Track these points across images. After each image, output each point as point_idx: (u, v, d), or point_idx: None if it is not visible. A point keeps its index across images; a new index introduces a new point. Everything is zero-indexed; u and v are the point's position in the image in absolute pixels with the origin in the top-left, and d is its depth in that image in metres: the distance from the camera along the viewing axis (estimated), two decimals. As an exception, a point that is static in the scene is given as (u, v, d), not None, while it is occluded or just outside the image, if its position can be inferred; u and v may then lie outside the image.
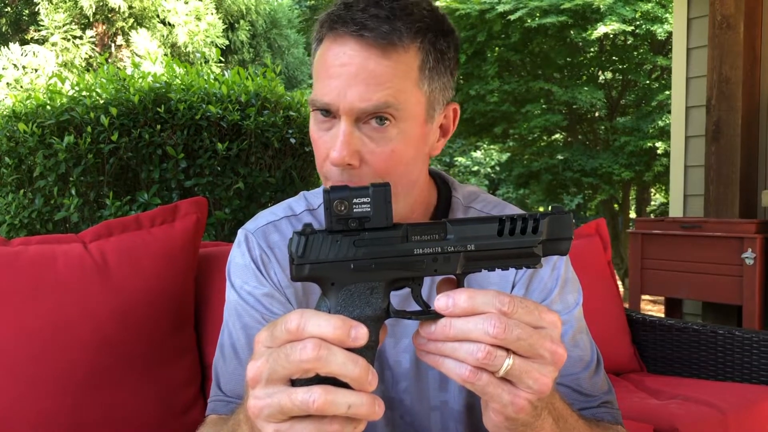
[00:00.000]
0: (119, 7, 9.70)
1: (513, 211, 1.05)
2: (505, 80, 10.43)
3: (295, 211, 1.03)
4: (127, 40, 9.99)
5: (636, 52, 10.30)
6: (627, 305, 3.04)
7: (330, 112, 0.86)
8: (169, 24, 10.13)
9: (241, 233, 1.02)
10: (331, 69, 0.84)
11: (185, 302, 1.48)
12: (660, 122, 9.58)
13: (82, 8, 9.70)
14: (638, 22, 9.29)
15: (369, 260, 0.63)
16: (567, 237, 0.67)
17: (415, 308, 0.67)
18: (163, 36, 10.10)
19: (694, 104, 4.13)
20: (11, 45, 9.33)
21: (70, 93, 2.91)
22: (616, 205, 12.08)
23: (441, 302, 0.61)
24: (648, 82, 10.47)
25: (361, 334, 0.58)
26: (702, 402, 1.87)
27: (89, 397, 1.32)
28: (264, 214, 1.04)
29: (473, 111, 10.54)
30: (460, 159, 16.91)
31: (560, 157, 10.94)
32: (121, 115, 2.70)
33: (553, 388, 0.72)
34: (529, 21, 9.33)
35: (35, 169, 2.78)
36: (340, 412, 0.57)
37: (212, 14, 10.44)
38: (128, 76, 2.95)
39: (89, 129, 2.64)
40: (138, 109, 2.70)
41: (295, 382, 0.59)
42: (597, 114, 11.33)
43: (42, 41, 9.92)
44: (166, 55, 9.55)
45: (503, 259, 0.66)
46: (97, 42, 10.12)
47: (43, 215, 2.80)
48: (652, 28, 9.14)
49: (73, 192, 2.70)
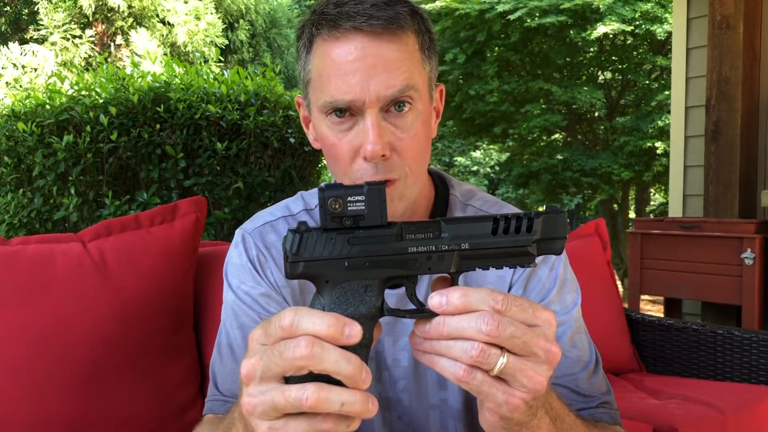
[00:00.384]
0: (119, 7, 9.70)
1: (510, 210, 1.05)
2: (504, 80, 10.43)
3: (292, 211, 1.04)
4: (127, 40, 9.99)
5: (635, 52, 10.30)
6: (626, 305, 3.04)
7: (346, 111, 0.86)
8: (169, 23, 10.12)
9: (238, 233, 1.02)
10: (344, 66, 0.84)
11: (184, 302, 1.48)
12: (659, 122, 9.58)
13: (81, 8, 9.70)
14: (638, 22, 9.28)
15: (363, 258, 0.63)
16: (561, 236, 0.67)
17: (410, 307, 0.67)
18: (163, 35, 10.09)
19: (693, 104, 4.13)
20: (11, 44, 9.32)
21: (70, 92, 2.91)
22: (615, 205, 12.08)
23: (435, 300, 0.61)
24: (647, 82, 10.47)
25: (354, 331, 0.58)
26: (701, 402, 1.87)
27: (88, 396, 1.32)
28: (261, 215, 1.04)
29: (473, 111, 10.54)
30: (459, 159, 16.91)
31: (560, 157, 10.94)
32: (121, 114, 2.70)
33: (550, 387, 0.72)
34: (529, 21, 9.33)
35: (34, 168, 2.77)
36: (333, 409, 0.57)
37: (212, 14, 10.44)
38: (128, 75, 2.95)
39: (88, 128, 2.64)
40: (137, 109, 2.70)
41: (289, 380, 0.59)
42: (596, 114, 11.33)
43: (41, 41, 9.92)
44: (165, 54, 9.55)
45: (497, 258, 0.66)
46: (96, 41, 10.12)
47: (42, 214, 2.80)
48: (652, 28, 9.14)
49: (73, 191, 2.70)
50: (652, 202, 14.63)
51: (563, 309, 0.97)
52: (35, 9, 10.10)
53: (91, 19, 9.96)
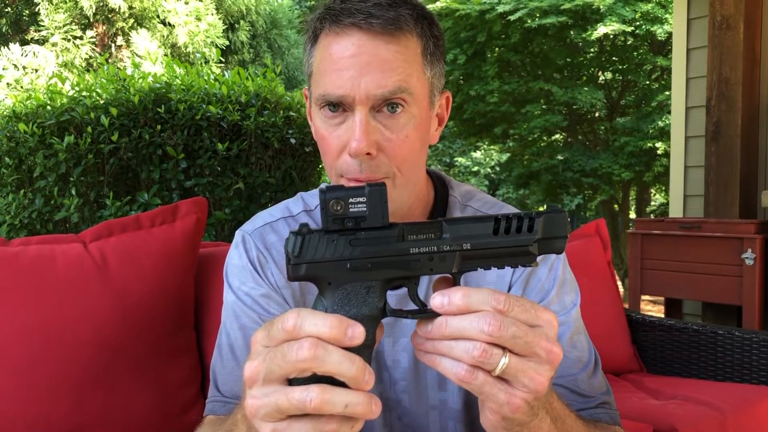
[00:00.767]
0: (119, 8, 9.70)
1: (510, 211, 1.05)
2: (505, 81, 10.43)
3: (292, 212, 1.04)
4: (128, 41, 9.99)
5: (636, 53, 10.29)
6: (627, 305, 3.04)
7: (339, 106, 0.86)
8: (170, 24, 10.13)
9: (238, 234, 1.03)
10: (340, 61, 0.85)
11: (185, 302, 1.48)
12: (660, 123, 9.58)
13: (82, 8, 9.70)
14: (638, 23, 9.28)
15: (365, 259, 0.63)
16: (562, 235, 0.67)
17: (412, 307, 0.67)
18: (164, 36, 10.10)
19: (693, 105, 4.13)
20: (11, 45, 9.32)
21: (71, 93, 2.91)
22: (616, 206, 12.08)
23: (437, 300, 0.61)
24: (648, 82, 10.46)
25: (357, 333, 0.58)
26: (701, 402, 1.87)
27: (88, 397, 1.32)
28: (261, 216, 1.05)
29: (473, 111, 10.54)
30: (460, 159, 16.91)
31: (560, 157, 10.94)
32: (122, 115, 2.70)
33: (551, 387, 0.72)
34: (529, 21, 9.33)
35: (35, 169, 2.78)
36: (336, 411, 0.57)
37: (212, 15, 10.44)
38: (128, 76, 2.96)
39: (89, 129, 2.64)
40: (138, 110, 2.70)
41: (292, 382, 0.59)
42: (597, 114, 11.32)
43: (42, 41, 9.92)
44: (166, 55, 9.55)
45: (499, 258, 0.66)
46: (97, 42, 10.12)
47: (43, 215, 2.80)
48: (652, 29, 9.14)
49: (73, 192, 2.70)
50: (652, 203, 14.63)
51: (562, 309, 0.97)
52: (36, 10, 10.11)
53: (91, 20, 9.97)
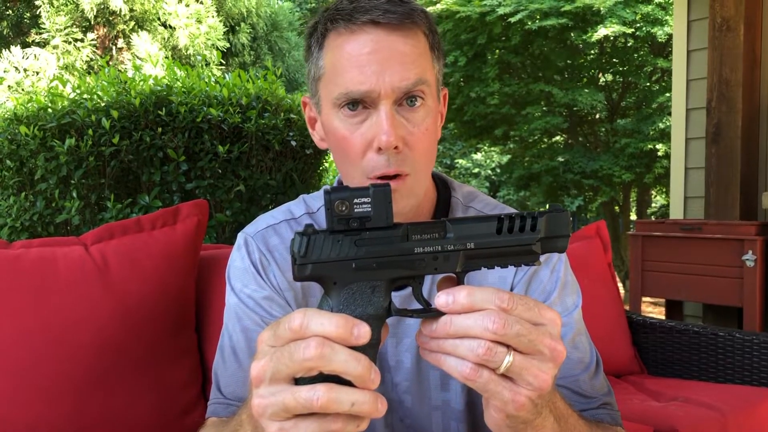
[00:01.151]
0: (120, 10, 9.71)
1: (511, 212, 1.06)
2: (505, 82, 10.44)
3: (294, 214, 1.04)
4: (128, 43, 10.00)
5: (636, 55, 10.30)
6: (627, 307, 3.04)
7: (359, 103, 0.87)
8: (170, 27, 10.13)
9: (240, 237, 1.03)
10: (359, 58, 0.86)
11: (186, 304, 1.48)
12: (660, 124, 9.58)
13: (83, 11, 9.71)
14: (638, 25, 9.29)
15: (370, 259, 0.64)
16: (564, 234, 0.68)
17: (416, 307, 0.67)
18: (164, 39, 10.11)
19: (694, 106, 4.13)
20: (12, 48, 9.33)
21: (72, 96, 2.91)
22: (616, 207, 12.08)
23: (441, 299, 0.62)
24: (648, 84, 10.47)
25: (363, 332, 0.58)
26: (702, 404, 1.87)
27: (90, 399, 1.32)
28: (263, 218, 1.05)
29: (474, 113, 10.55)
30: (460, 161, 16.91)
31: (561, 159, 10.94)
32: (122, 117, 2.70)
33: (554, 387, 0.73)
34: (530, 23, 9.34)
35: (36, 171, 2.78)
36: (343, 409, 0.57)
37: (213, 17, 10.45)
38: (129, 78, 2.96)
39: (90, 132, 2.64)
40: (139, 112, 2.71)
41: (298, 381, 0.59)
42: (597, 116, 11.33)
43: (43, 44, 9.93)
44: (167, 57, 9.56)
45: (502, 257, 0.67)
46: (98, 45, 10.13)
47: (44, 218, 2.80)
48: (653, 31, 9.14)
49: (75, 195, 2.70)
50: (653, 204, 14.63)
51: (564, 311, 0.98)
52: (37, 12, 10.12)
53: (92, 23, 9.98)
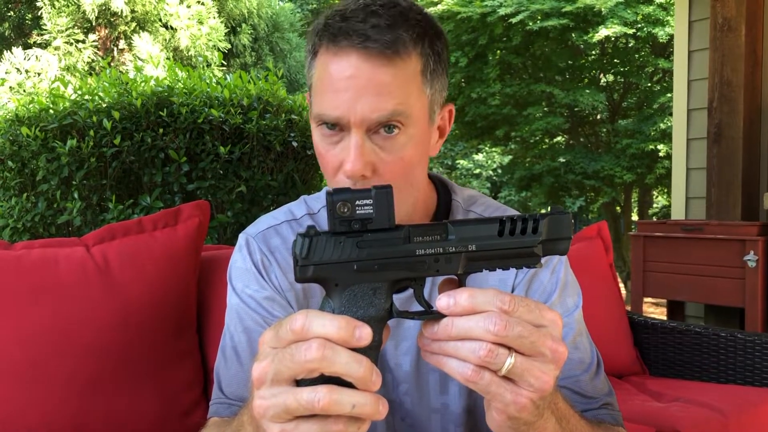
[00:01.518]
0: (122, 11, 9.72)
1: (513, 215, 1.06)
2: (506, 83, 10.44)
3: (295, 215, 1.04)
4: (130, 44, 10.01)
5: (637, 55, 10.30)
6: (629, 308, 3.04)
7: (337, 125, 0.86)
8: (172, 28, 10.14)
9: (242, 237, 1.03)
10: (337, 83, 0.84)
11: (187, 305, 1.48)
12: (662, 125, 9.58)
13: (84, 12, 9.72)
14: (639, 25, 9.28)
15: (372, 261, 0.63)
16: (566, 237, 0.68)
17: (416, 309, 0.67)
18: (166, 40, 10.12)
19: (695, 107, 4.13)
20: (14, 49, 9.35)
21: (73, 97, 2.91)
22: (618, 208, 12.07)
23: (442, 302, 0.62)
24: (649, 84, 10.46)
25: (365, 334, 0.58)
26: (704, 405, 1.87)
27: (91, 400, 1.32)
28: (265, 219, 1.05)
29: (475, 114, 10.54)
30: (461, 162, 16.90)
31: (562, 159, 10.94)
32: (124, 118, 2.70)
33: (556, 388, 0.73)
34: (531, 24, 9.34)
35: (38, 172, 2.78)
36: (344, 411, 0.57)
37: (214, 18, 10.46)
38: (131, 79, 2.96)
39: (92, 133, 2.64)
40: (140, 113, 2.71)
41: (300, 383, 0.59)
42: (598, 116, 11.32)
43: (45, 45, 9.94)
44: (168, 58, 9.56)
45: (504, 259, 0.67)
46: (99, 46, 10.15)
47: (45, 219, 2.80)
48: (654, 31, 9.14)
49: (76, 195, 2.71)
50: (654, 205, 14.61)
51: (565, 312, 0.98)
52: (39, 14, 10.13)
53: (94, 24, 9.99)
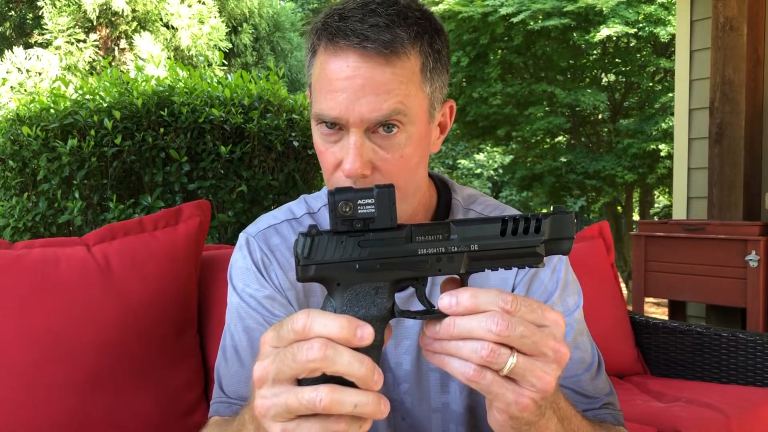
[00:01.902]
0: (122, 11, 9.73)
1: (513, 213, 1.06)
2: (507, 83, 10.44)
3: (295, 214, 1.04)
4: (131, 44, 10.02)
5: (639, 55, 10.29)
6: (630, 308, 3.04)
7: (336, 124, 0.86)
8: (173, 27, 10.15)
9: (242, 237, 1.03)
10: (336, 83, 0.84)
11: (188, 305, 1.48)
12: (663, 124, 9.57)
13: (85, 12, 9.73)
14: (641, 25, 9.28)
15: (374, 260, 0.63)
16: (569, 236, 0.68)
17: (418, 308, 0.67)
18: (167, 39, 10.12)
19: (697, 106, 4.12)
20: (15, 49, 9.36)
21: (74, 96, 2.91)
22: (619, 208, 12.07)
23: (444, 301, 0.62)
24: (651, 84, 10.46)
25: (367, 333, 0.58)
26: (705, 405, 1.86)
27: (92, 399, 1.32)
28: (265, 218, 1.05)
29: (476, 114, 10.54)
30: (462, 162, 16.90)
31: (563, 159, 10.94)
32: (125, 118, 2.70)
33: (558, 387, 0.73)
34: (532, 24, 9.34)
35: (39, 172, 2.78)
36: (346, 411, 0.57)
37: (215, 17, 10.47)
38: (131, 79, 2.96)
39: (93, 132, 2.64)
40: (141, 113, 2.71)
41: (301, 382, 0.59)
42: (600, 116, 11.32)
43: (46, 45, 9.95)
44: (169, 58, 9.57)
45: (506, 259, 0.66)
46: (100, 45, 10.15)
47: (46, 218, 2.81)
48: (655, 31, 9.13)
49: (77, 195, 2.71)
50: (656, 205, 14.61)
51: (565, 311, 0.97)
52: (40, 13, 10.14)
53: (95, 24, 10.00)
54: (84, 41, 9.88)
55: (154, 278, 1.42)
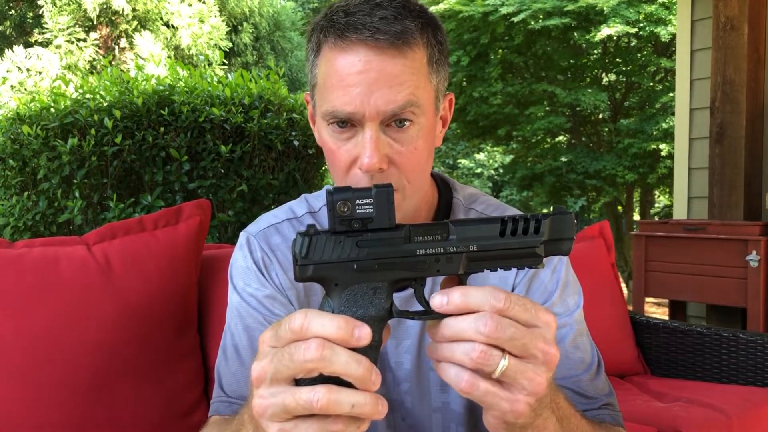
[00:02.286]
0: (123, 10, 9.73)
1: (514, 213, 1.05)
2: (508, 82, 10.43)
3: (296, 213, 1.04)
4: (131, 43, 10.02)
5: (639, 54, 10.28)
6: (631, 308, 3.03)
7: (347, 121, 0.86)
8: (173, 26, 10.15)
9: (242, 236, 1.03)
10: (348, 78, 0.84)
11: (188, 304, 1.48)
12: (664, 124, 9.56)
13: (85, 11, 9.73)
14: (642, 24, 9.27)
15: (372, 261, 0.63)
16: (568, 237, 0.67)
17: (417, 308, 0.67)
18: (167, 38, 10.12)
19: (697, 106, 4.12)
20: (15, 48, 9.36)
21: (74, 95, 2.91)
22: (619, 208, 12.06)
23: (436, 300, 0.62)
24: (652, 84, 10.44)
25: (364, 333, 0.58)
26: (706, 405, 1.86)
27: (92, 399, 1.32)
28: (265, 217, 1.05)
29: (476, 113, 10.53)
30: (463, 161, 16.89)
31: (564, 159, 10.93)
32: (125, 117, 2.70)
33: (557, 387, 0.73)
34: (533, 23, 9.33)
35: (39, 171, 2.78)
36: (343, 411, 0.57)
37: (216, 17, 10.46)
38: (132, 78, 2.96)
39: (93, 131, 2.64)
40: (141, 112, 2.71)
41: (299, 382, 0.59)
42: (600, 116, 11.30)
43: (46, 44, 9.95)
44: (169, 57, 9.56)
45: (505, 260, 0.66)
46: (100, 45, 10.15)
47: (46, 217, 2.80)
48: (656, 30, 9.12)
49: (77, 194, 2.70)
50: (656, 205, 14.60)
51: (565, 311, 0.97)
52: (40, 12, 10.14)
53: (95, 23, 9.99)
54: (84, 40, 9.88)
55: (155, 277, 1.42)
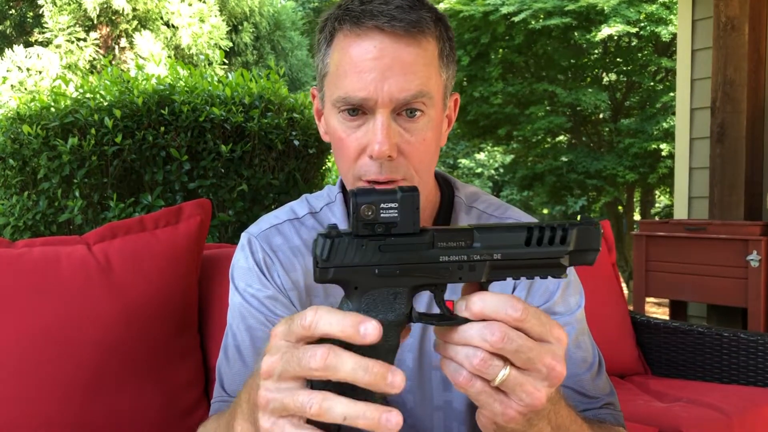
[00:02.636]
0: (123, 9, 9.72)
1: (514, 213, 1.06)
2: (508, 82, 10.43)
3: (297, 214, 1.04)
4: (131, 42, 10.01)
5: (640, 54, 10.28)
6: (631, 307, 3.03)
7: (358, 109, 0.86)
8: (173, 26, 10.14)
9: (244, 237, 1.03)
10: (362, 63, 0.85)
11: (189, 304, 1.48)
12: (664, 124, 9.56)
13: (86, 10, 9.73)
14: (642, 24, 9.27)
15: (394, 266, 0.62)
16: (595, 248, 0.66)
17: (435, 310, 0.66)
18: (167, 38, 10.11)
19: (698, 106, 4.12)
20: (15, 47, 9.36)
21: (74, 95, 2.91)
22: (620, 207, 12.06)
23: (458, 305, 0.62)
24: (652, 83, 10.44)
25: (371, 329, 0.56)
26: (707, 405, 1.86)
27: (93, 399, 1.32)
28: (267, 218, 1.05)
29: (477, 113, 10.54)
30: (463, 161, 16.89)
31: (564, 159, 10.93)
32: (125, 117, 2.70)
33: (561, 396, 0.72)
34: (533, 23, 9.33)
35: (39, 171, 2.78)
36: (336, 421, 0.56)
37: (216, 16, 10.46)
38: (132, 78, 2.96)
39: (93, 131, 2.64)
40: (142, 111, 2.70)
41: (313, 383, 0.58)
42: (601, 116, 11.31)
43: (46, 43, 9.95)
44: (169, 57, 9.56)
45: (529, 269, 0.65)
46: (100, 44, 10.15)
47: (47, 217, 2.80)
48: (657, 30, 9.12)
49: (77, 194, 2.70)
50: (657, 205, 14.59)
51: (567, 311, 0.97)
52: (40, 12, 10.13)
53: (95, 22, 9.99)
54: (84, 40, 9.87)
55: (155, 277, 1.42)
